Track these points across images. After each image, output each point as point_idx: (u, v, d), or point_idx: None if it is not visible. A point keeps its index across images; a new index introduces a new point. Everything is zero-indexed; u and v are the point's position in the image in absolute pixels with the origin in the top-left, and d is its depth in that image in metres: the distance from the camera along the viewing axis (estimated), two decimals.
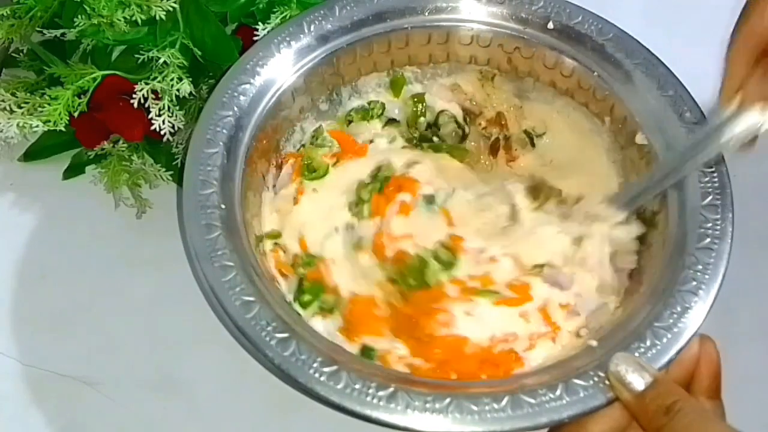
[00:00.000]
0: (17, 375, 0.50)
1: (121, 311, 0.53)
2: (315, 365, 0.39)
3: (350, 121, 0.54)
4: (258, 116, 0.48)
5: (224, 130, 0.46)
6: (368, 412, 0.38)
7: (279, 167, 0.51)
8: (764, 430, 0.49)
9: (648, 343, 0.40)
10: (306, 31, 0.50)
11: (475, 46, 0.52)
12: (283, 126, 0.51)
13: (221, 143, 0.46)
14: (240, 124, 0.47)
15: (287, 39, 0.50)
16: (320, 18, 0.50)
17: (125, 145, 0.54)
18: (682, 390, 0.38)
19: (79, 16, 0.51)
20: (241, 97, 0.48)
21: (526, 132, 0.54)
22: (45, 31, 0.54)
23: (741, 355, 0.49)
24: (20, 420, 0.49)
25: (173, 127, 0.51)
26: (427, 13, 0.52)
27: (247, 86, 0.48)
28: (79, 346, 0.51)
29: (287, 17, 0.52)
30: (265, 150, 0.50)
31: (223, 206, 0.44)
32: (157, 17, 0.51)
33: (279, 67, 0.49)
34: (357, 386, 0.38)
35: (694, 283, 0.41)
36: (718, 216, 0.43)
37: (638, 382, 0.38)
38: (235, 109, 0.47)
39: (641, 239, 0.47)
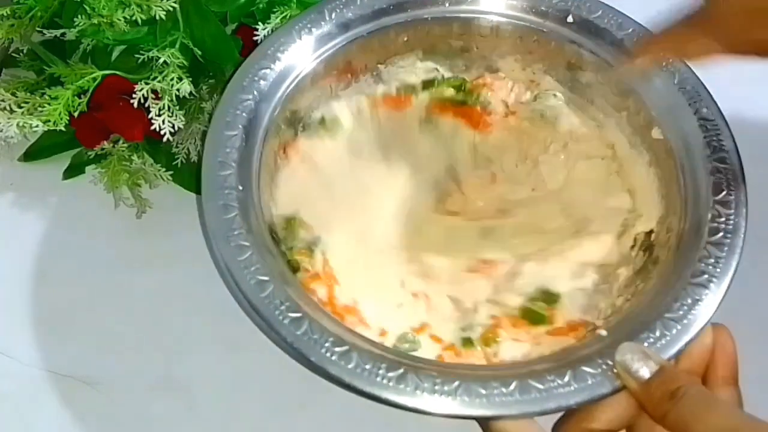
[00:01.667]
0: (17, 375, 0.50)
1: (121, 311, 0.52)
2: (327, 345, 0.39)
3: None
4: (277, 101, 0.49)
5: (244, 114, 0.47)
6: (377, 392, 0.38)
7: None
8: None
9: (657, 333, 0.40)
10: (327, 18, 0.51)
11: (494, 38, 0.53)
12: (301, 111, 0.51)
13: (240, 126, 0.47)
14: (259, 108, 0.48)
15: (308, 26, 0.50)
16: (341, 6, 0.51)
17: (125, 145, 0.54)
18: (687, 376, 0.39)
19: (79, 16, 0.51)
20: (261, 82, 0.48)
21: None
22: (45, 31, 0.54)
23: (741, 355, 0.49)
24: (20, 420, 0.49)
25: (173, 127, 0.51)
26: (447, 4, 0.52)
27: (268, 71, 0.49)
28: (79, 346, 0.51)
29: (287, 17, 0.52)
30: (284, 134, 0.50)
31: (240, 188, 0.45)
32: (157, 17, 0.51)
33: (299, 54, 0.50)
34: (367, 366, 0.39)
35: (706, 276, 0.42)
36: (732, 210, 0.44)
37: (644, 370, 0.38)
38: (255, 93, 0.48)
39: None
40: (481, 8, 0.52)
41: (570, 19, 0.51)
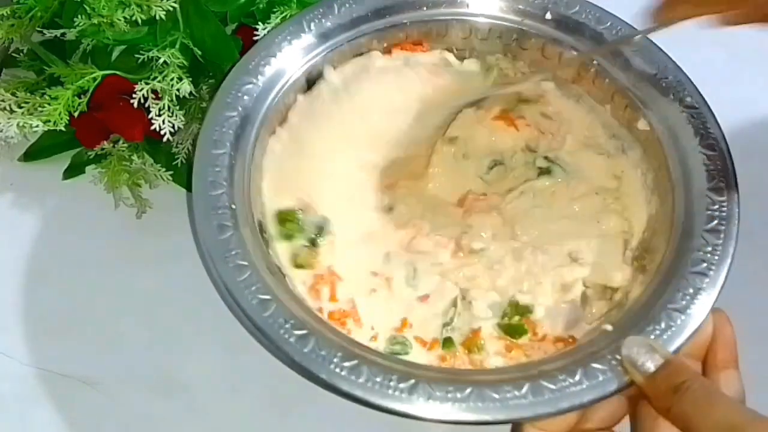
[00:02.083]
0: (17, 375, 0.50)
1: (121, 311, 0.52)
2: (335, 360, 0.39)
3: None
4: (263, 115, 0.48)
5: (230, 131, 0.47)
6: (391, 404, 0.38)
7: None
8: None
9: (663, 325, 0.41)
10: (306, 29, 0.50)
11: (473, 39, 0.53)
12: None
13: (228, 143, 0.46)
14: (245, 124, 0.47)
15: (288, 38, 0.50)
16: (320, 16, 0.51)
17: (125, 145, 0.54)
18: (692, 369, 0.39)
19: (79, 16, 0.51)
20: (245, 97, 0.48)
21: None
22: (45, 31, 0.54)
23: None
24: (20, 420, 0.49)
25: (173, 127, 0.51)
26: (425, 8, 0.52)
27: (251, 86, 0.48)
28: (79, 346, 0.51)
29: (287, 17, 0.52)
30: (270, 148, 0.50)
31: (233, 206, 0.44)
32: (157, 17, 0.51)
33: (281, 66, 0.50)
34: (378, 379, 0.39)
35: (704, 264, 0.42)
36: (724, 198, 0.44)
37: (650, 363, 0.38)
38: (240, 109, 0.48)
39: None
40: (460, 10, 0.52)
41: (548, 16, 0.51)
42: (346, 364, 0.39)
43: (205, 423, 0.49)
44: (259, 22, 0.52)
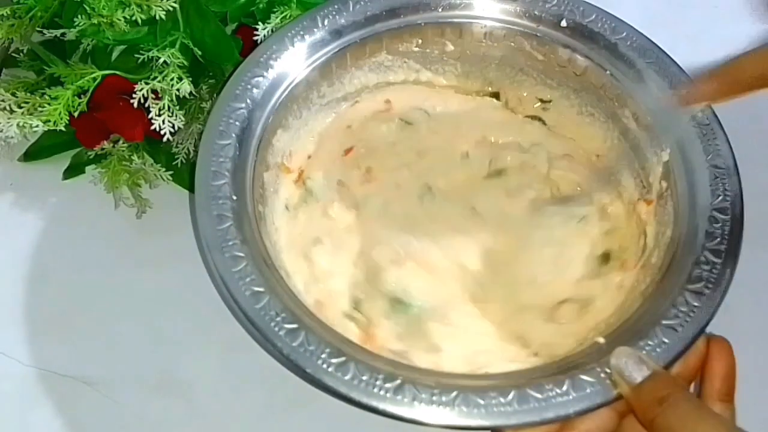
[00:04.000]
0: (17, 375, 0.50)
1: (121, 311, 0.53)
2: (323, 356, 0.39)
3: None
4: (270, 109, 0.48)
5: (237, 122, 0.47)
6: (375, 403, 0.38)
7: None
8: (765, 430, 0.49)
9: (655, 340, 0.40)
10: (320, 25, 0.50)
11: (487, 43, 0.53)
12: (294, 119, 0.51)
13: (234, 135, 0.46)
14: (253, 117, 0.47)
15: (301, 33, 0.50)
16: (334, 12, 0.51)
17: (125, 145, 0.54)
18: (679, 382, 0.38)
19: (79, 16, 0.51)
20: (254, 90, 0.48)
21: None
22: (45, 31, 0.54)
23: (741, 355, 0.49)
24: (20, 420, 0.49)
25: (173, 127, 0.51)
26: (440, 9, 0.52)
27: (261, 79, 0.48)
28: (79, 346, 0.51)
29: (287, 17, 0.52)
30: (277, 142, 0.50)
31: (234, 197, 0.44)
32: (157, 17, 0.51)
33: (292, 61, 0.50)
34: (364, 378, 0.39)
35: (703, 282, 0.42)
36: (728, 216, 0.44)
37: (636, 374, 0.38)
38: (248, 101, 0.48)
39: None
40: (475, 13, 0.52)
41: (564, 23, 0.51)
42: (334, 360, 0.39)
43: (205, 423, 0.49)
44: (259, 22, 0.52)
